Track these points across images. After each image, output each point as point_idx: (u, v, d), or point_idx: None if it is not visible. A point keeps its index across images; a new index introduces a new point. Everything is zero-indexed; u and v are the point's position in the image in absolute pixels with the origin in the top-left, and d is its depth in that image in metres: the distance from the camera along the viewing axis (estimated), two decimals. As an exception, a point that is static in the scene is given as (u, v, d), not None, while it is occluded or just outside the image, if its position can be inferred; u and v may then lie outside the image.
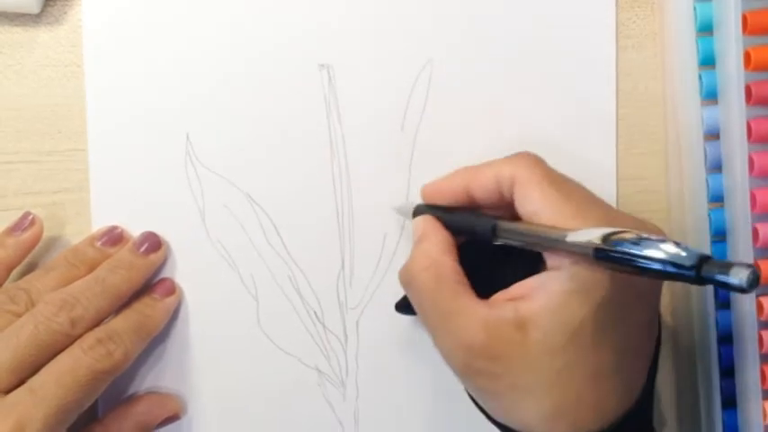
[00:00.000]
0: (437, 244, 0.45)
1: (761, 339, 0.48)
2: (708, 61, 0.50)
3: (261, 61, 0.51)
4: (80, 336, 0.46)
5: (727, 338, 0.50)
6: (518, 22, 0.52)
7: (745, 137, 0.48)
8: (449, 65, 0.51)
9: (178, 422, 0.52)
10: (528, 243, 0.42)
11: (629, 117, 0.53)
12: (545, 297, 0.40)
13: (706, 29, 0.49)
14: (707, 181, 0.50)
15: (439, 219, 0.47)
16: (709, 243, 0.50)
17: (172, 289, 0.51)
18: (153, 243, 0.50)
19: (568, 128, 0.52)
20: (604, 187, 0.52)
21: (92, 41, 0.50)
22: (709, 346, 0.50)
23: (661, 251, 0.36)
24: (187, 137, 0.51)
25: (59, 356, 0.45)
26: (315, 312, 0.52)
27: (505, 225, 0.44)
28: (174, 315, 0.51)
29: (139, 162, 0.51)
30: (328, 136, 0.51)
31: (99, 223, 0.51)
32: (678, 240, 0.36)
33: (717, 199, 0.50)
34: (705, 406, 0.51)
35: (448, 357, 0.43)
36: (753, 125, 0.48)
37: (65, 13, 0.51)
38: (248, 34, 0.51)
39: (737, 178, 0.48)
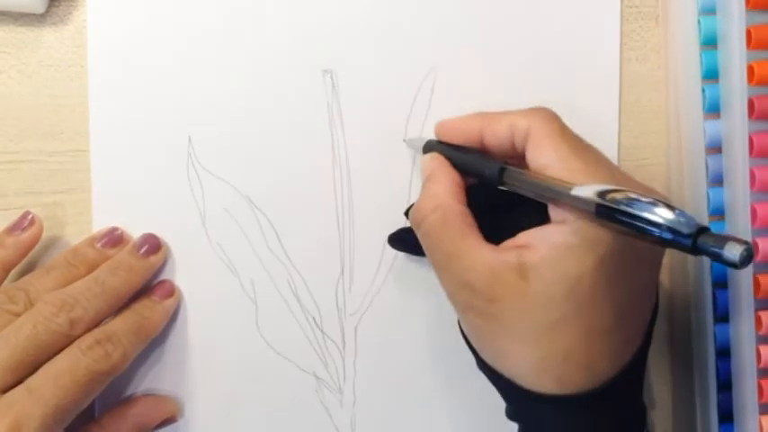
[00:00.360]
0: (445, 185, 0.46)
1: (758, 354, 0.48)
2: (711, 75, 0.50)
3: (264, 66, 0.51)
4: (79, 336, 0.46)
5: (724, 352, 0.50)
6: (522, 33, 0.52)
7: (747, 151, 0.48)
8: (452, 73, 0.51)
9: (174, 424, 0.52)
10: (533, 192, 0.42)
11: (632, 129, 0.53)
12: (547, 248, 0.41)
13: (710, 42, 0.49)
14: (708, 194, 0.50)
15: (448, 158, 0.47)
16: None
17: (171, 291, 0.51)
18: (153, 245, 0.50)
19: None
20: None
21: (96, 42, 0.50)
22: (707, 360, 0.50)
23: (660, 215, 0.36)
24: (189, 140, 0.51)
25: (58, 357, 0.45)
26: (313, 318, 0.52)
27: (513, 171, 0.44)
28: (173, 317, 0.51)
29: (141, 164, 0.51)
30: (330, 141, 0.51)
31: (100, 224, 0.51)
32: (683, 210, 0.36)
33: (718, 212, 0.50)
34: (702, 420, 0.51)
35: (451, 296, 0.44)
36: (755, 139, 0.48)
37: (69, 13, 0.51)
38: (252, 38, 0.51)
39: (739, 192, 0.48)
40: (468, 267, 0.42)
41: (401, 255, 0.52)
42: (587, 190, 0.39)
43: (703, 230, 0.35)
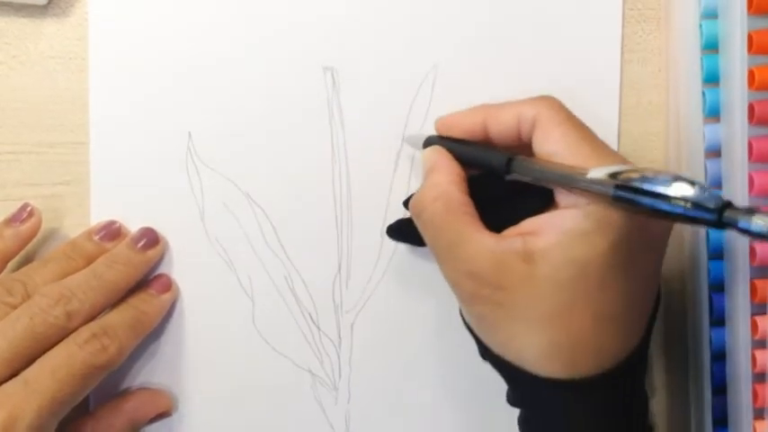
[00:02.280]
0: (447, 175, 0.46)
1: (754, 358, 0.48)
2: (712, 79, 0.50)
3: (265, 61, 0.51)
4: (75, 329, 0.46)
5: (720, 357, 0.50)
6: (523, 34, 0.51)
7: (746, 155, 0.48)
8: (453, 72, 0.51)
9: (169, 418, 0.52)
10: (544, 179, 0.42)
11: (632, 131, 0.53)
12: (556, 234, 0.41)
13: (711, 46, 0.49)
14: (706, 198, 0.50)
15: (450, 151, 0.47)
16: (706, 258, 0.50)
17: (168, 285, 0.51)
18: (151, 239, 0.50)
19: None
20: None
21: (97, 35, 0.50)
22: (702, 364, 0.50)
23: (684, 191, 0.35)
24: (189, 134, 0.51)
25: (54, 349, 0.45)
26: (310, 314, 0.52)
27: (522, 160, 0.44)
28: (170, 312, 0.51)
29: (140, 157, 0.51)
30: (330, 138, 0.51)
31: (98, 217, 0.51)
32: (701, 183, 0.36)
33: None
34: (697, 424, 0.52)
35: (454, 285, 0.44)
36: (754, 144, 0.48)
37: (71, 5, 0.51)
38: (253, 34, 0.51)
39: (737, 196, 0.48)
40: (471, 256, 0.42)
41: (398, 252, 0.52)
42: (604, 172, 0.39)
43: (728, 205, 0.34)
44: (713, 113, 0.50)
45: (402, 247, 0.52)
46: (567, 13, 0.52)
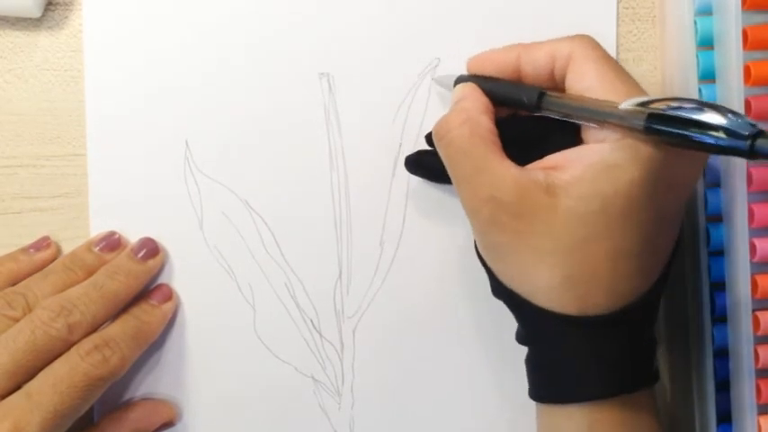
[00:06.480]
0: (475, 103, 0.46)
1: (756, 354, 0.48)
2: (708, 75, 0.50)
3: (261, 69, 0.51)
4: (77, 341, 0.46)
5: (722, 353, 0.50)
6: (518, 37, 0.51)
7: (744, 151, 0.48)
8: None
9: (173, 429, 0.52)
10: (576, 114, 0.43)
11: (629, 129, 0.53)
12: (581, 167, 0.41)
13: (706, 43, 0.49)
14: (705, 195, 0.50)
15: (481, 89, 0.47)
16: (707, 255, 0.50)
17: (169, 295, 0.51)
18: (151, 249, 0.50)
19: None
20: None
21: (92, 47, 0.51)
22: (705, 361, 0.50)
23: (717, 117, 0.36)
24: (186, 143, 0.51)
25: (56, 362, 0.45)
26: (311, 321, 0.52)
27: (553, 95, 0.44)
28: (171, 321, 0.51)
29: (138, 168, 0.51)
30: (327, 144, 0.51)
31: (97, 228, 0.51)
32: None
33: (715, 213, 0.50)
34: (700, 420, 0.51)
35: (472, 212, 0.44)
36: (752, 140, 0.48)
37: (65, 17, 0.51)
38: (248, 41, 0.51)
39: (736, 193, 0.48)
40: (494, 181, 0.42)
41: (399, 257, 0.52)
42: (637, 101, 0.39)
43: (760, 134, 0.35)
44: (710, 110, 0.50)
45: (402, 252, 0.52)
46: (562, 13, 0.52)
